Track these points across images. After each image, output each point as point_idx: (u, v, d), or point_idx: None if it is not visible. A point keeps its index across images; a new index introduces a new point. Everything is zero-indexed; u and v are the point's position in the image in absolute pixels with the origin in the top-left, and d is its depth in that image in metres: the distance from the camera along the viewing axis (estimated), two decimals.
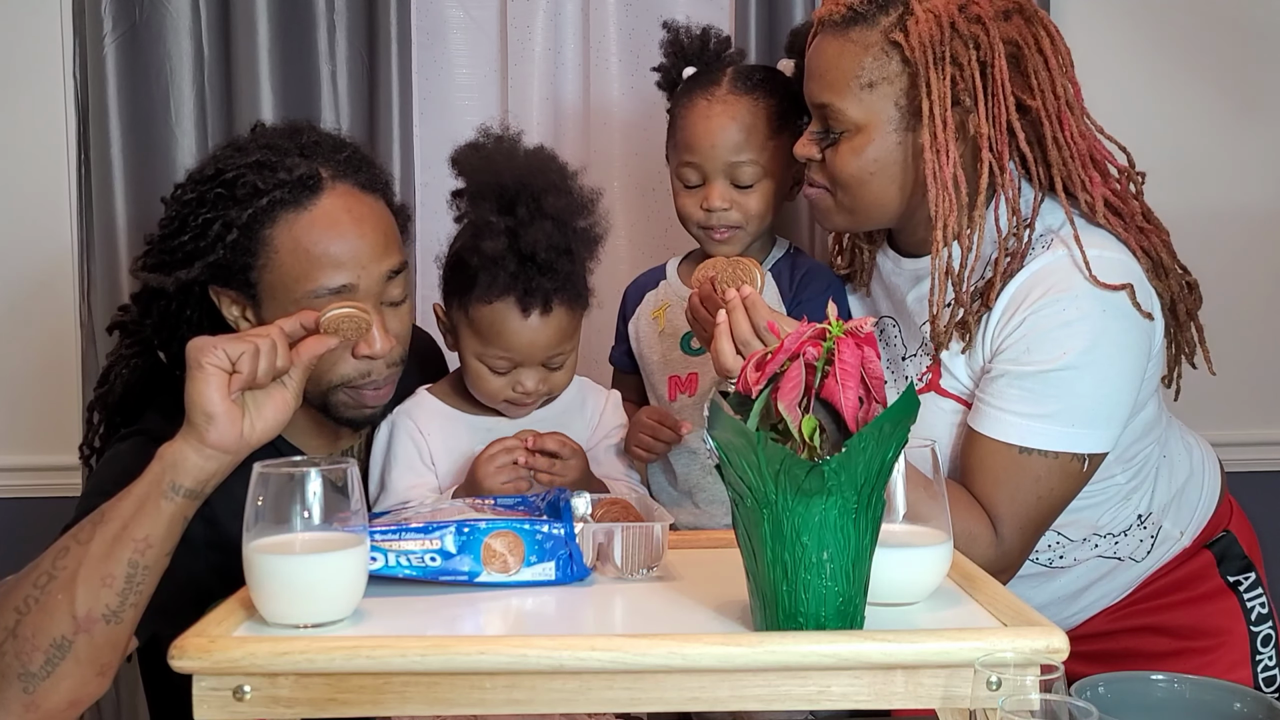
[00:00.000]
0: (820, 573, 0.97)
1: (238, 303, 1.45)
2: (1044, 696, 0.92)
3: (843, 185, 1.50)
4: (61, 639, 1.19)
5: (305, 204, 1.41)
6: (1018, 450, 1.44)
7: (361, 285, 1.41)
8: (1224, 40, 2.25)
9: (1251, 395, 2.27)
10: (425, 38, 2.21)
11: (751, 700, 0.98)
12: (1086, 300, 1.43)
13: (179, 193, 1.47)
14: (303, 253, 1.39)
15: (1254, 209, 2.28)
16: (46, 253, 2.19)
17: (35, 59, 2.15)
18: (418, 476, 1.53)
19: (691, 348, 1.72)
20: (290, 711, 0.98)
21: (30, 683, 1.18)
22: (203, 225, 1.41)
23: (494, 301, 1.47)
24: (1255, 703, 1.22)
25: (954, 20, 1.43)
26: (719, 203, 1.65)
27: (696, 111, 1.66)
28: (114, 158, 2.09)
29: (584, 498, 1.23)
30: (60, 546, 1.22)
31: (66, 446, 2.14)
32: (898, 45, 1.44)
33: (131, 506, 1.21)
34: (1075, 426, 1.44)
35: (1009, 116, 1.43)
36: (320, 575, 1.03)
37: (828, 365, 0.99)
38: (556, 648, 0.96)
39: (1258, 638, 1.61)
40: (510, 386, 1.52)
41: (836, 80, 1.47)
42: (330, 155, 1.45)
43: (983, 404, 1.48)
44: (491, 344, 1.49)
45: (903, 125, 1.46)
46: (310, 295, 1.39)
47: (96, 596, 1.19)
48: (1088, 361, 1.43)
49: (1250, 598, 1.63)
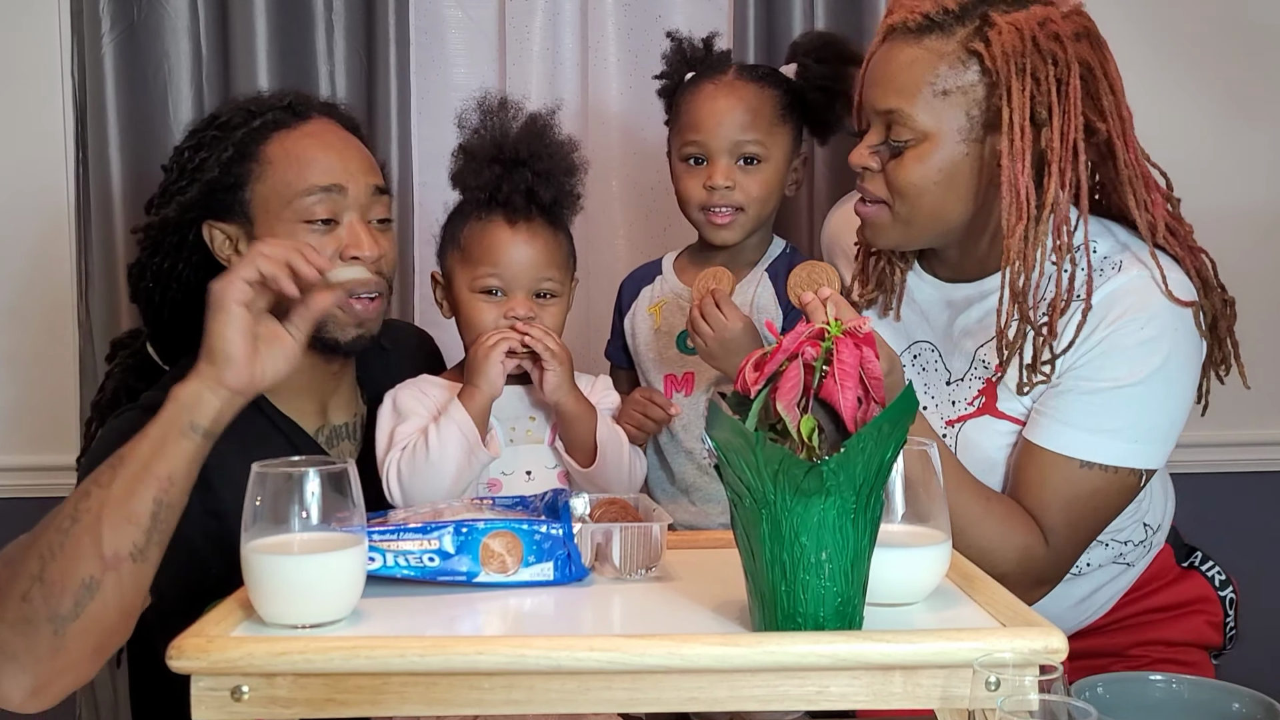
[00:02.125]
0: (819, 573, 0.97)
1: (232, 235, 1.51)
2: (1043, 697, 0.92)
3: (903, 195, 1.48)
4: (90, 579, 1.20)
5: (294, 124, 1.52)
6: (1079, 464, 1.47)
7: (350, 190, 1.49)
8: (1224, 41, 2.25)
9: (1251, 395, 2.26)
10: (423, 37, 2.21)
11: (750, 700, 0.98)
12: (1165, 318, 1.47)
13: (179, 147, 1.57)
14: (294, 158, 1.49)
15: (1254, 209, 2.28)
16: (45, 251, 2.18)
17: (33, 58, 2.15)
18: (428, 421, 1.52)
19: (687, 346, 1.72)
20: (288, 712, 0.97)
21: (60, 625, 1.20)
22: (199, 162, 1.51)
23: (483, 219, 1.54)
24: (1254, 703, 1.22)
25: (1035, 35, 1.42)
26: (722, 180, 1.66)
27: (703, 94, 1.70)
28: (112, 156, 2.09)
29: (583, 498, 1.23)
30: (81, 491, 1.24)
31: (64, 446, 2.15)
32: (976, 54, 1.43)
33: (151, 447, 1.24)
34: (1138, 442, 1.47)
35: (1077, 136, 1.44)
36: (318, 575, 1.03)
37: (826, 365, 0.99)
38: (555, 648, 0.96)
39: (1225, 600, 1.70)
40: (502, 314, 1.53)
41: (908, 86, 1.45)
42: (312, 99, 1.59)
43: (1044, 417, 1.49)
44: (481, 263, 1.53)
45: (971, 136, 1.45)
46: (302, 195, 1.47)
47: (123, 535, 1.21)
48: (1161, 379, 1.46)
49: (1207, 570, 1.71)
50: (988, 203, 1.49)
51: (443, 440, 1.45)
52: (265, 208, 1.48)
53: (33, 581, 1.20)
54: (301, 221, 1.47)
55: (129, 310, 2.09)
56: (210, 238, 1.51)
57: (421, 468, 1.45)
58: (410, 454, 1.47)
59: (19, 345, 2.21)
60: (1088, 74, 1.45)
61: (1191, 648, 1.68)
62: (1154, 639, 1.66)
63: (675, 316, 1.74)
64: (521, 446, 1.54)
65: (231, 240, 1.51)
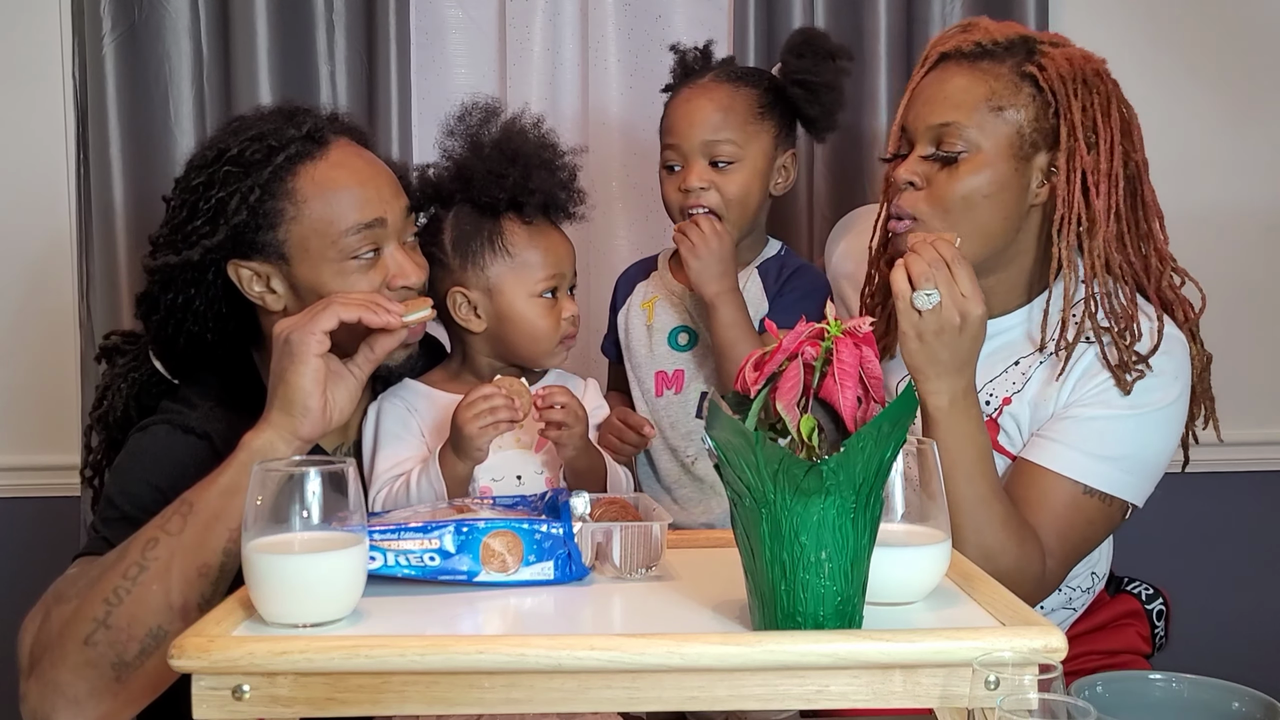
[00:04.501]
0: (818, 572, 0.97)
1: (261, 272, 1.46)
2: (1042, 696, 0.92)
3: (950, 209, 1.52)
4: (158, 629, 1.22)
5: (318, 154, 1.45)
6: (1081, 490, 1.51)
7: (390, 219, 1.46)
8: (1224, 40, 2.25)
9: (1251, 395, 2.27)
10: (424, 37, 2.21)
11: (750, 700, 0.98)
12: (1179, 357, 1.54)
13: (183, 182, 1.48)
14: (329, 196, 1.43)
15: (1254, 209, 2.28)
16: (45, 253, 2.19)
17: (34, 59, 2.15)
18: (409, 449, 1.52)
19: (679, 344, 1.72)
20: (289, 711, 0.97)
21: (124, 671, 1.21)
22: (218, 203, 1.43)
23: (529, 221, 1.55)
24: (1253, 702, 1.22)
25: (1081, 66, 1.52)
26: (696, 181, 1.67)
27: (678, 99, 1.72)
28: (113, 158, 2.09)
29: (583, 497, 1.23)
30: (148, 538, 1.25)
31: (64, 447, 2.15)
32: (1030, 76, 1.52)
33: (222, 499, 1.25)
34: (1134, 475, 1.53)
35: (1117, 161, 1.51)
36: (319, 575, 1.03)
37: (826, 365, 1.00)
38: (555, 647, 0.96)
39: (1152, 614, 1.79)
40: (559, 318, 1.56)
41: (965, 102, 1.52)
42: (321, 118, 1.51)
43: (1048, 440, 1.53)
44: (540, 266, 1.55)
45: (1019, 154, 1.52)
46: (345, 235, 1.43)
47: (193, 587, 1.23)
48: (1163, 418, 1.53)
49: (1133, 589, 1.80)
50: (1022, 231, 1.55)
51: (423, 499, 1.44)
52: (304, 247, 1.44)
53: (97, 626, 1.22)
54: (348, 259, 1.44)
55: (129, 311, 2.09)
56: (237, 277, 1.47)
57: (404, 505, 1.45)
58: (392, 498, 1.47)
59: (19, 345, 2.21)
60: (1123, 108, 1.54)
61: (1125, 654, 1.73)
62: (1089, 650, 1.70)
63: (667, 313, 1.74)
64: (510, 452, 1.53)
65: (262, 278, 1.46)
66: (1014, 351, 1.60)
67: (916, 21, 2.17)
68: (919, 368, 1.42)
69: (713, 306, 1.63)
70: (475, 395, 1.45)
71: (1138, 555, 1.90)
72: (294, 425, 1.27)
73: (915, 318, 1.39)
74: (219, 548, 1.23)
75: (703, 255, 1.62)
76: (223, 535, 1.23)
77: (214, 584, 1.24)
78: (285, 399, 1.27)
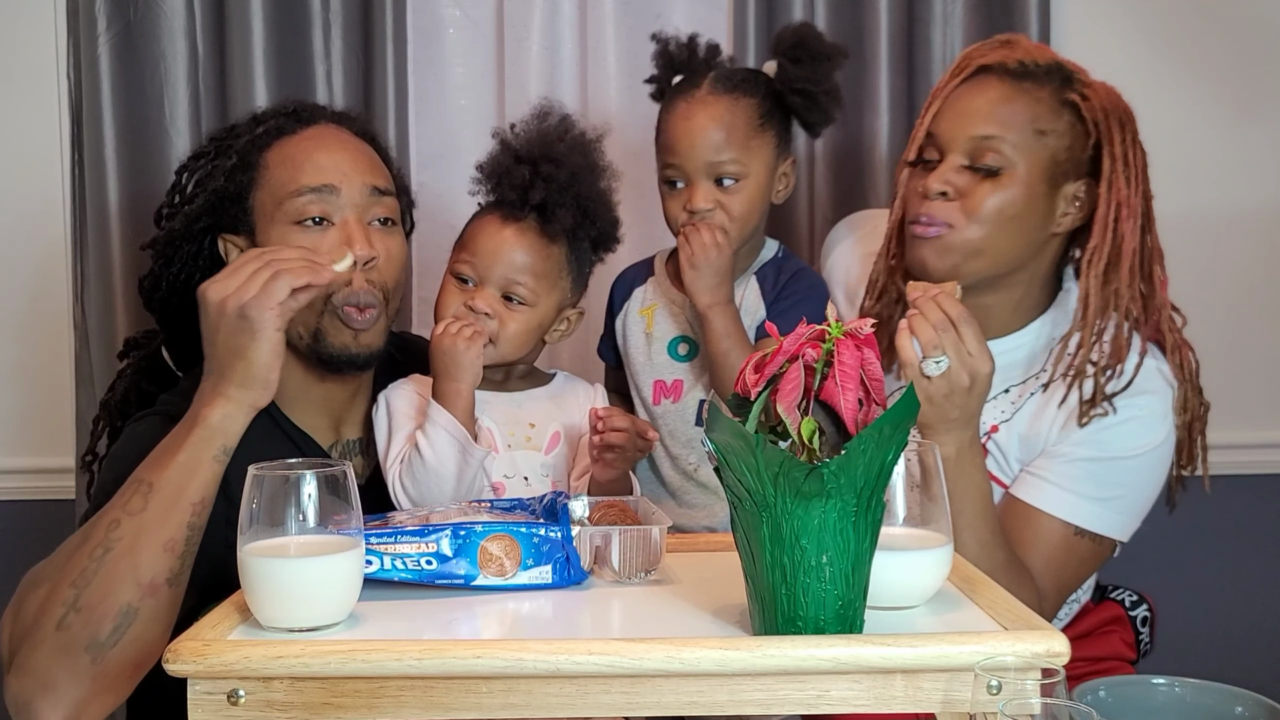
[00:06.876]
0: (819, 576, 0.97)
1: (240, 246, 1.49)
2: (1044, 700, 0.92)
3: (981, 221, 1.53)
4: (128, 606, 1.23)
5: (297, 130, 1.50)
6: (1074, 531, 1.54)
7: (344, 190, 1.46)
8: (1225, 40, 2.25)
9: (1252, 395, 2.26)
10: (421, 36, 2.20)
11: (750, 704, 0.98)
12: (1169, 398, 1.56)
13: (187, 159, 1.57)
14: (289, 162, 1.47)
15: (1255, 209, 2.27)
16: (40, 254, 2.18)
17: (29, 59, 2.14)
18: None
19: (678, 354, 1.71)
20: (285, 716, 0.97)
21: (99, 652, 1.22)
22: (202, 174, 1.50)
23: (485, 213, 1.55)
24: (1256, 705, 1.22)
25: (1118, 103, 1.56)
26: (703, 203, 1.64)
27: (677, 114, 1.67)
28: (108, 158, 2.09)
29: (581, 500, 1.22)
30: (110, 519, 1.26)
31: (59, 449, 2.15)
32: (1070, 105, 1.54)
33: (181, 473, 1.26)
34: (1124, 514, 1.56)
35: (1138, 204, 1.53)
36: (315, 578, 1.02)
37: (827, 367, 0.99)
38: (553, 652, 0.95)
39: (1137, 620, 1.78)
40: (462, 302, 1.52)
41: (1009, 119, 1.53)
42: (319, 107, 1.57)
43: (1042, 480, 1.55)
44: (463, 249, 1.54)
45: (1051, 179, 1.54)
46: (293, 196, 1.44)
47: (160, 562, 1.24)
48: (1156, 459, 1.55)
49: (1117, 595, 1.79)
50: (1035, 257, 1.57)
51: (434, 447, 1.44)
52: (264, 212, 1.47)
53: (67, 610, 1.22)
54: (293, 223, 1.45)
55: (125, 312, 2.08)
56: (225, 251, 1.51)
57: (422, 476, 1.45)
58: (408, 466, 1.46)
59: (14, 347, 2.20)
60: (1143, 148, 1.57)
61: (1110, 660, 1.73)
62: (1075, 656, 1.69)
63: (667, 322, 1.72)
64: (519, 452, 1.53)
65: (239, 251, 1.49)
66: (1005, 378, 1.60)
67: (917, 21, 2.16)
68: (929, 425, 1.42)
69: (706, 318, 1.62)
70: (444, 323, 1.48)
71: (1137, 557, 1.89)
72: (254, 399, 1.28)
73: (925, 384, 1.38)
74: (183, 522, 1.25)
75: (700, 266, 1.61)
76: (186, 511, 1.25)
77: (180, 559, 1.25)
78: (245, 374, 1.28)
